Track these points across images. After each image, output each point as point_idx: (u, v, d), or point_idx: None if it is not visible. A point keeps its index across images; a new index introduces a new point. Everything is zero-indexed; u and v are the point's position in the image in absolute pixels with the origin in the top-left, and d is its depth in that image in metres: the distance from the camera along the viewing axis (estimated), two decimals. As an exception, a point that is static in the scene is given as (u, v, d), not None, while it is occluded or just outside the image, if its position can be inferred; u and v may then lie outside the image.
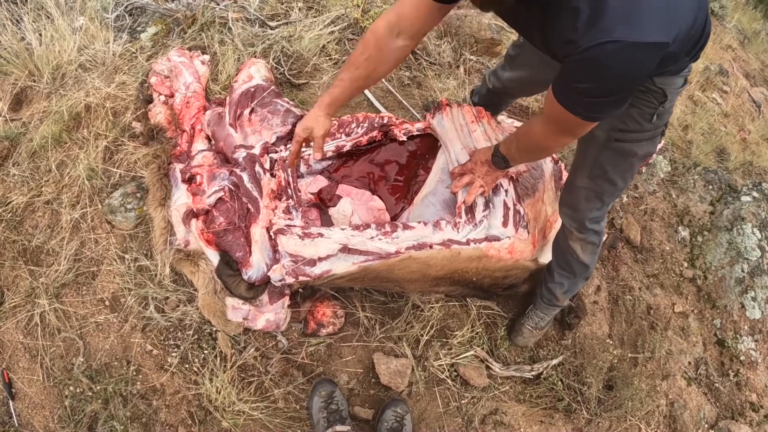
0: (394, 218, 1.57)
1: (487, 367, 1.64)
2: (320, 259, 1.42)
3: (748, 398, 2.11)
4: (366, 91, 1.90)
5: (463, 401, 1.59)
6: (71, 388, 1.52)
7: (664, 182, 2.30)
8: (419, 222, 1.45)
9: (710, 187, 2.37)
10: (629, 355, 1.89)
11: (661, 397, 1.90)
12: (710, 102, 2.74)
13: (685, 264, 2.19)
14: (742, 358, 2.12)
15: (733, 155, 2.52)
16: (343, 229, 1.43)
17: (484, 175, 1.44)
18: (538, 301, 1.63)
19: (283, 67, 1.90)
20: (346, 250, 1.41)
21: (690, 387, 1.99)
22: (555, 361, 1.72)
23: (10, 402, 1.54)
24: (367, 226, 1.44)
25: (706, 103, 2.70)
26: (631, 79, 0.90)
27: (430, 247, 1.43)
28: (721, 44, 3.08)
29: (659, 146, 2.04)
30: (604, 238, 1.96)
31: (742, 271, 2.19)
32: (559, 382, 1.72)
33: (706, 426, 1.99)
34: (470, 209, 1.47)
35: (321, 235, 1.42)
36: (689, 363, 2.04)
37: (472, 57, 2.16)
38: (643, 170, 2.22)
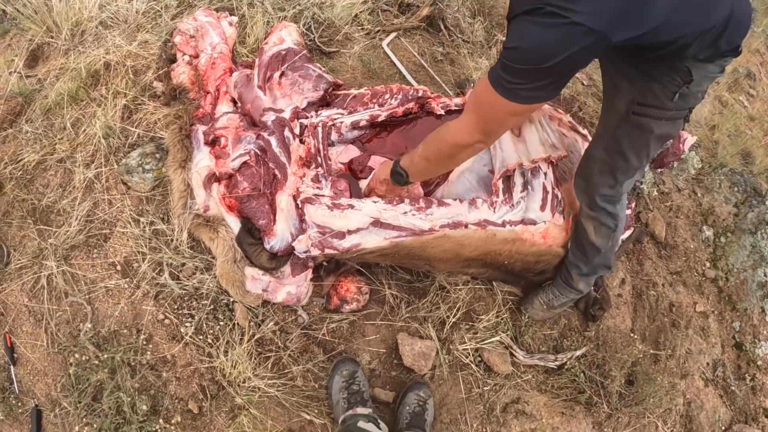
0: (428, 194, 1.51)
1: (512, 355, 1.59)
2: (350, 232, 1.36)
3: (762, 404, 2.09)
4: (398, 64, 1.84)
5: (485, 388, 1.54)
6: (77, 356, 1.44)
7: (690, 180, 2.26)
8: (455, 199, 1.40)
9: (735, 189, 2.33)
10: (651, 351, 1.85)
11: (679, 395, 1.86)
12: (737, 104, 2.71)
13: (708, 264, 2.16)
14: (759, 362, 2.09)
15: (758, 159, 2.49)
16: (375, 202, 1.37)
17: (385, 193, 1.42)
18: (556, 278, 1.59)
19: (313, 34, 1.82)
20: (377, 223, 1.35)
21: (707, 388, 1.96)
22: (579, 352, 1.68)
23: (11, 367, 1.47)
24: (401, 200, 1.38)
25: (733, 104, 2.67)
26: (551, 50, 0.88)
27: (466, 226, 1.37)
28: (750, 48, 3.06)
29: (690, 143, 1.99)
30: (631, 232, 1.91)
31: (765, 275, 2.16)
32: (582, 374, 1.67)
33: (722, 428, 1.96)
34: (508, 189, 1.42)
35: (351, 206, 1.36)
36: (707, 364, 2.01)
37: (504, 38, 2.10)
38: (674, 165, 2.17)
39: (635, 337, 1.82)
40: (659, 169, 2.13)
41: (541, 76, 0.92)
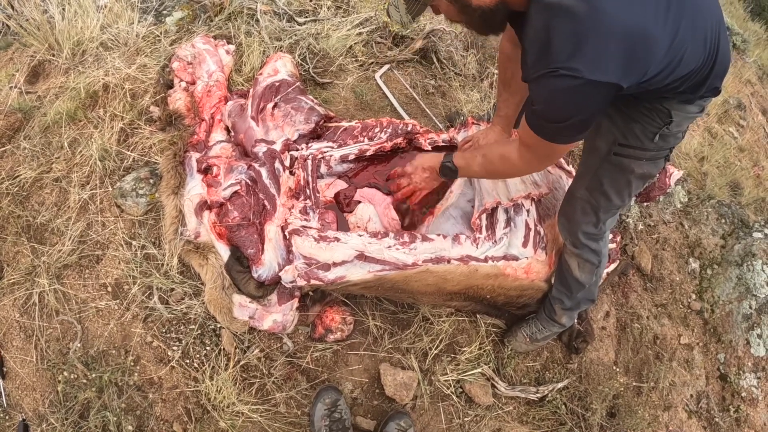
0: (412, 228, 1.54)
1: (493, 386, 1.61)
2: (335, 264, 1.39)
3: (746, 435, 2.10)
4: (390, 96, 1.87)
5: (466, 419, 1.56)
6: (65, 374, 1.47)
7: (677, 212, 2.29)
8: (438, 234, 1.43)
9: (723, 220, 2.36)
10: (633, 383, 1.87)
11: (661, 428, 1.88)
12: (727, 135, 2.74)
13: (694, 296, 2.18)
14: (743, 394, 2.10)
15: (747, 190, 2.52)
16: (360, 236, 1.40)
17: (421, 181, 1.44)
18: (539, 312, 1.62)
19: (308, 65, 1.86)
20: (362, 257, 1.38)
21: (690, 420, 1.98)
22: (560, 385, 1.70)
23: (0, 380, 1.49)
24: (386, 234, 1.41)
25: (723, 136, 2.70)
26: (574, 108, 0.96)
27: (448, 261, 1.40)
28: (741, 78, 3.10)
29: (676, 177, 2.02)
30: (616, 265, 1.94)
31: (750, 307, 2.18)
32: (563, 406, 1.69)
33: (704, 460, 1.98)
34: (491, 225, 1.45)
35: (338, 239, 1.39)
36: (691, 396, 2.02)
37: (496, 71, 2.14)
38: (660, 199, 2.20)
39: (618, 370, 1.84)
40: (645, 203, 2.16)
41: (571, 125, 0.99)
